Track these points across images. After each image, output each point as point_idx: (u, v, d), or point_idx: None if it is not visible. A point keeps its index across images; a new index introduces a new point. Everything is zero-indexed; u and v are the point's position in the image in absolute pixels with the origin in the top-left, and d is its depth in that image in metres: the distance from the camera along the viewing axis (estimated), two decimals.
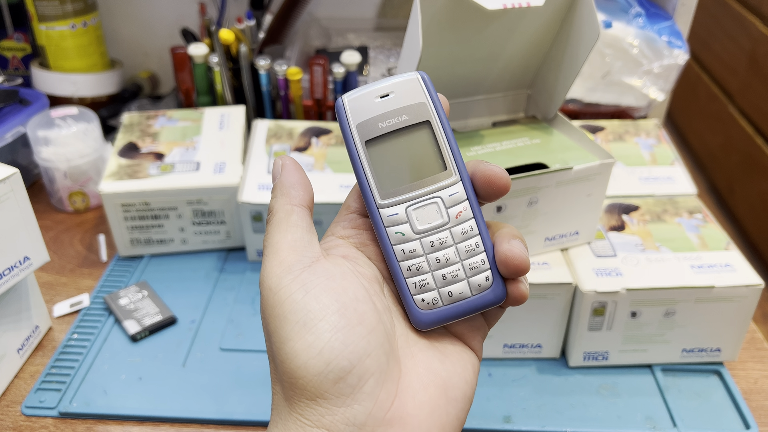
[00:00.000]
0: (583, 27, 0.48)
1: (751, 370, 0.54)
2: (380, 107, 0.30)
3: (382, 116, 0.30)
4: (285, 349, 0.26)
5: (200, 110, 0.72)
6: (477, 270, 0.29)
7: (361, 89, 0.31)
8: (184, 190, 0.61)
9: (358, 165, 0.30)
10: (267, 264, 0.28)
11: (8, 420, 0.48)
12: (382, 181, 0.30)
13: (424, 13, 0.44)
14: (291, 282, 0.27)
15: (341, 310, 0.27)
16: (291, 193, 0.30)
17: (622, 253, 0.53)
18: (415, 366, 0.28)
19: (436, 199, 0.30)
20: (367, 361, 0.26)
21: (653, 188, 0.61)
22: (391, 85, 0.30)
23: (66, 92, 0.80)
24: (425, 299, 0.29)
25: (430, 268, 0.29)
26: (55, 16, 0.76)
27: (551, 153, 0.50)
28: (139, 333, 0.55)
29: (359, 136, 0.30)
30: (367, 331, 0.27)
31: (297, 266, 0.28)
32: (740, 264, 0.51)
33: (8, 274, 0.48)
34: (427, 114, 0.30)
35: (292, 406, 0.26)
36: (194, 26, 0.87)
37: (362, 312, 0.27)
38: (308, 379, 0.26)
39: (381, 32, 0.90)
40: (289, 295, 0.27)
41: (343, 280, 0.28)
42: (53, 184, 0.69)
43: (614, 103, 0.74)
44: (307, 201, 0.31)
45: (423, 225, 0.29)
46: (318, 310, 0.26)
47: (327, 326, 0.26)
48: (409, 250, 0.29)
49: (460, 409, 0.28)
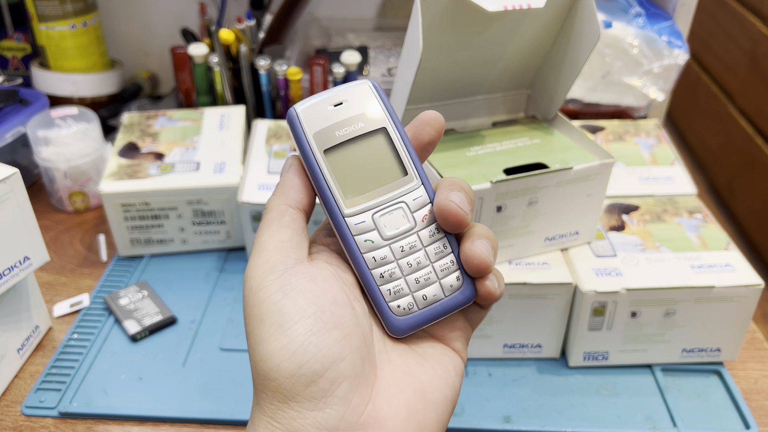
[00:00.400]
0: (583, 28, 0.48)
1: (751, 370, 0.54)
2: (335, 116, 0.30)
3: (338, 124, 0.30)
4: (259, 351, 0.26)
5: (200, 110, 0.72)
6: (447, 271, 0.29)
7: (313, 98, 0.30)
8: (184, 190, 0.61)
9: (318, 175, 0.29)
10: (251, 262, 0.28)
11: (8, 420, 0.48)
12: (345, 190, 0.29)
13: (425, 14, 0.44)
14: (271, 283, 0.27)
15: (318, 313, 0.27)
16: (289, 194, 0.30)
17: (622, 253, 0.53)
18: (393, 370, 0.28)
19: (401, 204, 0.30)
20: (341, 365, 0.26)
21: (653, 188, 0.61)
22: (343, 93, 0.30)
23: (66, 92, 0.80)
24: (401, 305, 0.29)
25: (403, 274, 0.29)
26: (55, 16, 0.76)
27: (551, 153, 0.50)
28: (139, 333, 0.55)
29: (317, 145, 0.29)
30: (343, 335, 0.27)
31: (280, 267, 0.28)
32: (740, 264, 0.51)
33: (8, 274, 0.48)
34: (383, 121, 0.30)
35: (263, 409, 0.26)
36: (194, 26, 0.87)
37: (340, 316, 0.27)
38: (280, 382, 0.26)
39: (381, 32, 0.90)
40: (268, 296, 0.27)
41: (324, 282, 0.28)
42: (53, 184, 0.69)
43: (614, 103, 0.74)
44: (304, 204, 0.30)
45: (391, 231, 0.29)
46: (294, 312, 0.26)
47: (302, 329, 0.26)
48: (380, 257, 0.29)
49: (440, 412, 0.28)
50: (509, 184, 0.47)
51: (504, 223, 0.50)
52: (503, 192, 0.48)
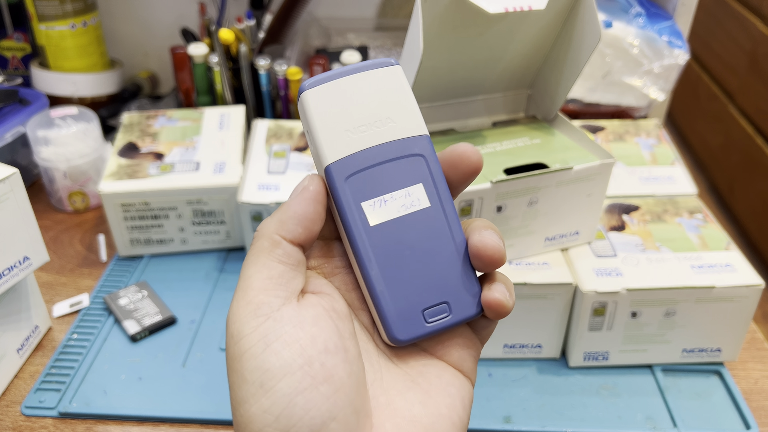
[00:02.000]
0: (584, 30, 0.48)
1: (751, 370, 0.54)
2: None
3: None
4: (240, 411, 0.24)
5: (200, 110, 0.72)
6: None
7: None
8: (184, 190, 0.61)
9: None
10: (234, 302, 0.25)
11: (8, 420, 0.48)
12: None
13: (426, 15, 0.44)
14: (253, 331, 0.24)
15: (305, 367, 0.24)
16: (288, 225, 0.26)
17: (623, 253, 0.53)
18: (392, 415, 0.25)
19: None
20: (332, 425, 0.23)
21: (653, 188, 0.61)
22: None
23: (66, 92, 0.80)
24: None
25: None
26: (55, 15, 0.76)
27: (551, 153, 0.50)
28: (139, 333, 0.55)
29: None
30: (334, 390, 0.24)
31: (264, 310, 0.25)
32: (740, 264, 0.51)
33: (8, 274, 0.48)
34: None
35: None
36: (194, 26, 0.87)
37: (331, 366, 0.24)
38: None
39: (381, 32, 0.90)
40: (249, 347, 0.24)
41: (313, 326, 0.25)
42: (53, 184, 0.69)
43: (614, 103, 0.74)
44: (303, 240, 0.26)
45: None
46: (278, 367, 0.23)
47: (287, 388, 0.23)
48: None
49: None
50: (509, 184, 0.47)
51: (504, 223, 0.50)
52: (503, 192, 0.48)
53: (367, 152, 0.27)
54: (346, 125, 0.27)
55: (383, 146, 0.27)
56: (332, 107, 0.27)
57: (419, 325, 0.27)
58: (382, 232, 0.27)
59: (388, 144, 0.27)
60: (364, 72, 0.28)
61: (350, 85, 0.27)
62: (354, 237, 0.27)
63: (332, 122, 0.27)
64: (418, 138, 0.28)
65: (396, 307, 0.27)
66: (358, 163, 0.27)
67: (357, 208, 0.27)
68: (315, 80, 0.27)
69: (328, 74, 0.27)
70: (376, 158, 0.27)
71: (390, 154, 0.27)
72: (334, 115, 0.27)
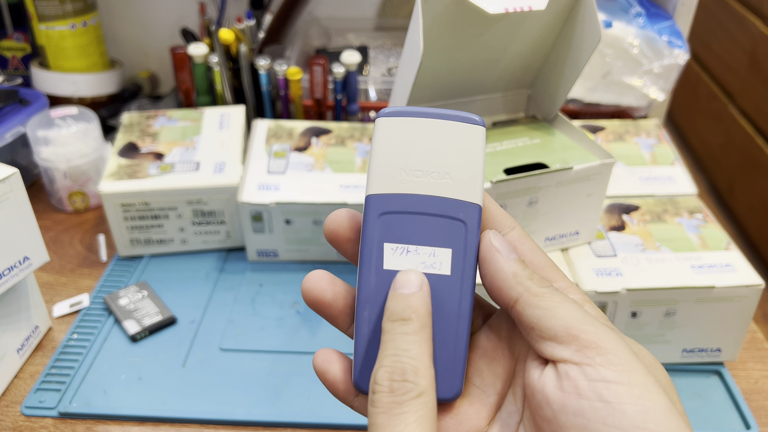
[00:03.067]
0: (584, 30, 0.48)
1: (751, 370, 0.54)
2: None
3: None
4: None
5: (200, 110, 0.72)
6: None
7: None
8: (184, 190, 0.61)
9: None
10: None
11: (8, 420, 0.48)
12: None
13: (426, 15, 0.44)
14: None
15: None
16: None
17: (623, 253, 0.53)
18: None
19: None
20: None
21: (653, 188, 0.61)
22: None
23: (66, 92, 0.80)
24: None
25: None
26: (55, 15, 0.76)
27: (551, 153, 0.50)
28: (139, 333, 0.55)
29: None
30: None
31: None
32: (740, 264, 0.51)
33: (8, 274, 0.48)
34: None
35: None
36: (194, 26, 0.87)
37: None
38: None
39: (381, 32, 0.90)
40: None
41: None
42: (53, 184, 0.69)
43: (614, 103, 0.74)
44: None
45: None
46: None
47: None
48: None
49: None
50: (509, 183, 0.47)
51: None
52: (503, 192, 0.48)
53: (412, 198, 0.26)
54: (403, 164, 0.26)
55: (430, 198, 0.26)
56: (399, 142, 0.26)
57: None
58: (391, 279, 0.26)
59: (436, 198, 0.26)
60: (446, 120, 0.27)
61: (426, 128, 0.27)
62: (363, 273, 0.26)
63: (392, 156, 0.26)
64: (469, 205, 0.26)
65: (370, 355, 0.26)
66: (397, 205, 0.26)
67: (378, 246, 0.26)
68: (396, 110, 0.27)
69: (412, 109, 0.27)
70: (418, 207, 0.26)
71: (433, 209, 0.26)
72: (397, 150, 0.26)
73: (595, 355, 0.22)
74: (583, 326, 0.23)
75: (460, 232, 0.26)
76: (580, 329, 0.23)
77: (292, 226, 0.61)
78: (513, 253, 0.26)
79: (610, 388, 0.22)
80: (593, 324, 0.23)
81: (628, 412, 0.21)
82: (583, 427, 0.22)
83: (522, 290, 0.25)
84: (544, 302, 0.24)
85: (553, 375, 0.23)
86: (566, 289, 0.27)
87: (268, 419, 0.48)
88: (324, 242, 0.62)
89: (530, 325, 0.24)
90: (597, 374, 0.22)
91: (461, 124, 0.27)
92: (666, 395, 0.22)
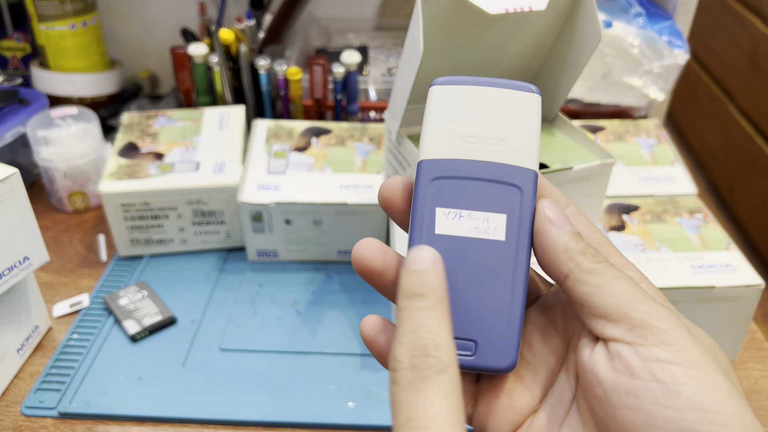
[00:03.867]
0: (584, 30, 0.48)
1: (751, 370, 0.54)
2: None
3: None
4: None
5: (200, 110, 0.72)
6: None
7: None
8: (184, 190, 0.61)
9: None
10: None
11: (8, 420, 0.48)
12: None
13: (426, 15, 0.44)
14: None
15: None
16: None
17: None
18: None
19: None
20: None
21: (653, 188, 0.61)
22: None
23: (66, 92, 0.80)
24: None
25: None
26: (55, 15, 0.76)
27: (551, 153, 0.50)
28: (138, 333, 0.55)
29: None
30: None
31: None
32: (740, 264, 0.51)
33: (8, 274, 0.48)
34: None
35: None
36: (194, 26, 0.87)
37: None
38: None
39: (381, 32, 0.90)
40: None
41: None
42: (53, 184, 0.69)
43: (614, 103, 0.74)
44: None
45: None
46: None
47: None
48: None
49: None
50: None
51: None
52: None
53: (465, 163, 0.26)
54: (457, 130, 0.26)
55: (484, 164, 0.26)
56: (453, 109, 0.26)
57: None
58: (443, 243, 0.25)
59: (491, 164, 0.26)
60: (501, 88, 0.26)
61: (481, 95, 0.26)
62: (414, 238, 0.25)
63: (446, 122, 0.26)
64: (524, 171, 0.26)
65: None
66: (451, 170, 0.26)
67: (430, 211, 0.26)
68: (450, 79, 0.27)
69: (467, 78, 0.27)
70: (471, 172, 0.26)
71: (487, 174, 0.26)
72: (450, 117, 0.26)
73: (648, 335, 0.22)
74: (635, 304, 0.23)
75: (516, 197, 0.25)
76: (631, 308, 0.23)
77: (292, 226, 0.61)
78: (567, 225, 0.25)
79: (665, 368, 0.21)
80: (647, 302, 0.23)
81: (683, 392, 0.21)
82: (635, 407, 0.21)
83: (573, 266, 0.24)
84: (595, 279, 0.23)
85: (604, 353, 0.23)
86: (623, 266, 0.26)
87: (268, 419, 0.48)
88: (324, 242, 0.62)
89: (581, 302, 0.24)
90: (650, 354, 0.22)
91: (516, 92, 0.26)
92: (725, 376, 0.21)
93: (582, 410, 0.25)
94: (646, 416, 0.21)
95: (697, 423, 0.20)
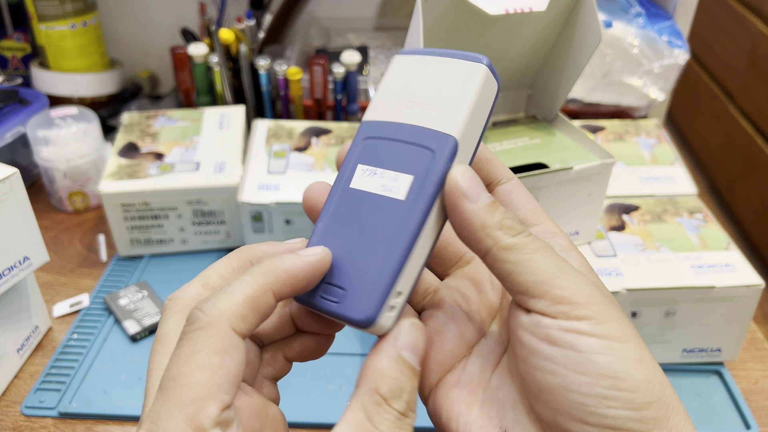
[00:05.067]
0: (584, 30, 0.48)
1: (751, 370, 0.54)
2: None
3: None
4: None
5: (200, 110, 0.72)
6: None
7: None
8: (184, 190, 0.61)
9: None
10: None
11: (8, 420, 0.48)
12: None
13: (426, 16, 0.44)
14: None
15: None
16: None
17: (623, 253, 0.53)
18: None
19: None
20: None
21: (653, 188, 0.61)
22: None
23: (66, 92, 0.80)
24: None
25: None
26: (55, 15, 0.76)
27: (551, 153, 0.50)
28: (139, 333, 0.55)
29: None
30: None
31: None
32: (741, 264, 0.51)
33: (8, 274, 0.48)
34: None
35: None
36: (194, 26, 0.87)
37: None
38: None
39: (381, 32, 0.90)
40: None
41: None
42: (53, 184, 0.69)
43: (614, 103, 0.74)
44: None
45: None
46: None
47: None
48: None
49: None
50: None
51: None
52: None
53: (395, 126, 0.27)
54: (400, 96, 0.28)
55: (410, 127, 0.27)
56: (404, 76, 0.28)
57: (311, 292, 0.26)
58: (352, 197, 0.27)
59: (415, 128, 0.27)
60: (452, 58, 0.27)
61: (431, 65, 0.28)
62: (333, 188, 0.27)
63: (393, 88, 0.28)
64: (443, 136, 0.26)
65: None
66: (382, 131, 0.27)
67: (353, 166, 0.27)
68: (412, 50, 0.28)
69: (428, 50, 0.28)
70: (397, 134, 0.27)
71: (409, 137, 0.27)
72: (399, 83, 0.28)
73: (570, 310, 0.23)
74: (555, 280, 0.23)
75: (427, 160, 0.26)
76: (551, 284, 0.23)
77: (292, 226, 0.61)
78: (483, 193, 0.24)
79: (583, 339, 0.22)
80: (567, 276, 0.23)
81: (598, 361, 0.22)
82: (553, 371, 0.23)
83: (491, 243, 0.24)
84: (514, 256, 0.24)
85: (528, 319, 0.24)
86: (554, 234, 0.27)
87: None
88: None
89: (502, 278, 0.24)
90: (571, 326, 0.23)
91: (464, 62, 0.27)
92: (640, 346, 0.23)
93: (511, 364, 0.26)
94: (561, 380, 0.22)
95: (608, 389, 0.22)
